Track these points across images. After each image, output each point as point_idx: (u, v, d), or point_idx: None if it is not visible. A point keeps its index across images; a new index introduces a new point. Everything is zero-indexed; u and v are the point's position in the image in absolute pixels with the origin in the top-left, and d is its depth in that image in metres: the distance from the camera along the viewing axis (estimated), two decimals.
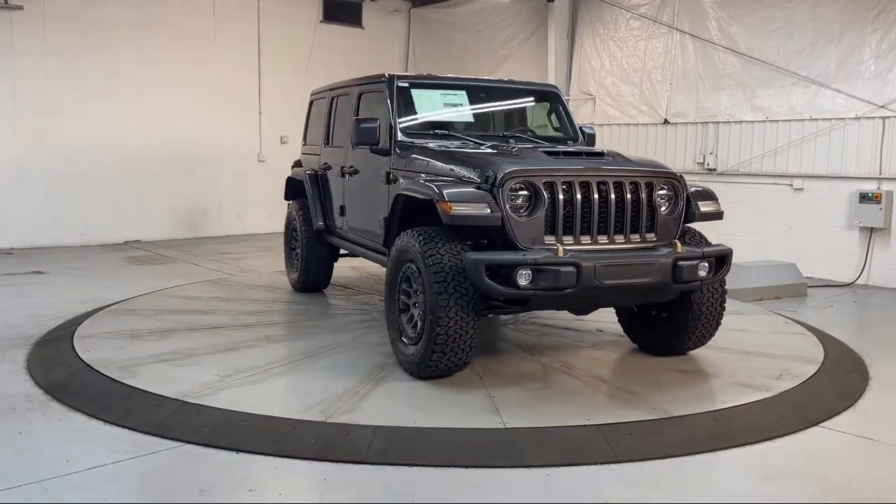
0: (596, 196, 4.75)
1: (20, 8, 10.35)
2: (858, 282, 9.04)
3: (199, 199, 12.34)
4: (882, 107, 8.79)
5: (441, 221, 4.67)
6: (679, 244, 4.88)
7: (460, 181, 4.87)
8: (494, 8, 13.20)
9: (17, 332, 6.04)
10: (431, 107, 6.15)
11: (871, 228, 8.93)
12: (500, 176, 4.59)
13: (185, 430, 4.03)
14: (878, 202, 8.77)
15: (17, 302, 7.18)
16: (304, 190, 7.51)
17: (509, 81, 6.83)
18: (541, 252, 4.50)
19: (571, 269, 4.44)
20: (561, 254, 4.48)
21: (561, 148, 5.49)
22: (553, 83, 7.84)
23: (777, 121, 9.72)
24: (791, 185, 9.65)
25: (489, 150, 5.34)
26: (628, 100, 11.34)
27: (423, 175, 5.20)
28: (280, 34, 12.88)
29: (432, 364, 4.69)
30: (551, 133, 6.59)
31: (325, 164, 7.21)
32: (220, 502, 3.35)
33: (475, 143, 5.64)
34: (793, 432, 4.24)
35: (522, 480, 3.60)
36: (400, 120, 5.85)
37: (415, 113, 6.00)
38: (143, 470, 3.63)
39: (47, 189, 10.82)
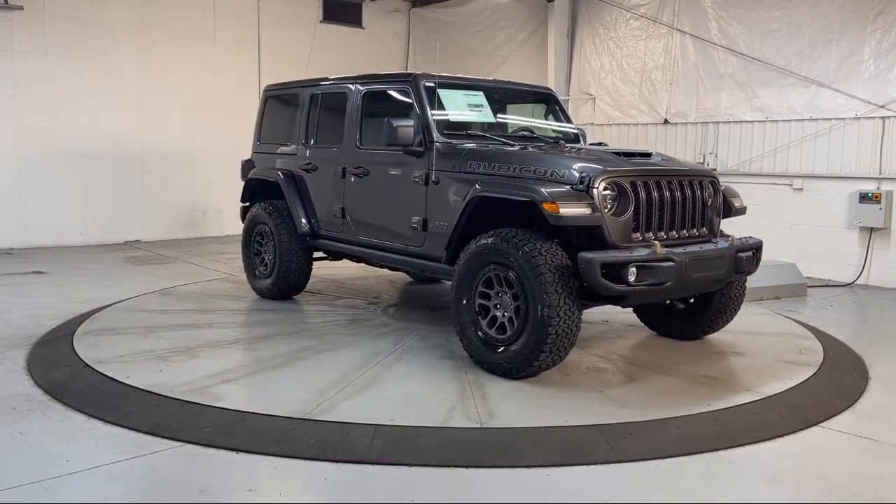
0: (667, 194, 5.01)
1: (20, 8, 10.35)
2: (858, 282, 9.04)
3: (199, 199, 12.34)
4: (882, 107, 8.80)
5: (513, 222, 4.91)
6: (734, 237, 5.36)
7: (545, 181, 4.86)
8: (494, 8, 13.20)
9: (17, 332, 6.04)
10: (457, 107, 5.98)
11: (871, 228, 8.94)
12: (594, 177, 4.71)
13: (185, 430, 4.03)
14: (878, 202, 8.77)
15: (17, 302, 7.17)
16: (270, 192, 7.22)
17: (510, 83, 6.83)
18: (643, 249, 4.74)
19: (671, 264, 4.70)
20: (659, 251, 4.72)
21: (619, 149, 5.64)
22: (548, 85, 7.82)
23: (777, 121, 9.73)
24: (791, 185, 9.65)
25: (553, 151, 5.47)
26: (628, 100, 11.34)
27: (487, 177, 5.16)
28: (280, 34, 12.88)
29: (537, 364, 4.74)
30: (551, 133, 6.61)
31: (309, 164, 6.90)
32: (220, 502, 3.35)
33: (506, 143, 5.66)
34: (793, 432, 4.24)
35: (522, 480, 3.60)
36: (435, 120, 5.71)
37: (445, 113, 5.82)
38: (143, 470, 3.63)
39: (47, 189, 10.82)
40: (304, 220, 6.92)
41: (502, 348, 4.87)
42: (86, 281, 8.32)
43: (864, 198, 8.90)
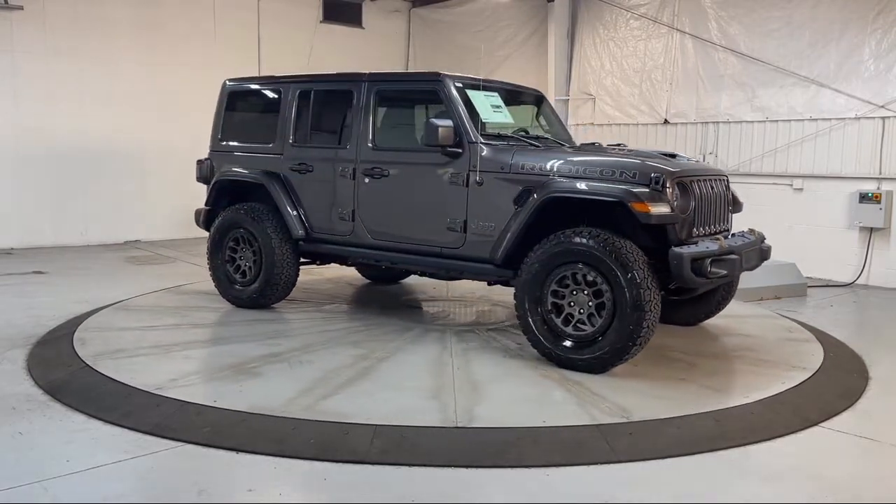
0: (710, 192, 5.38)
1: (20, 8, 10.35)
2: (858, 282, 9.04)
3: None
4: (882, 107, 8.80)
5: (562, 223, 5.09)
6: (757, 230, 5.84)
7: (615, 182, 5.00)
8: (494, 8, 13.20)
9: (17, 332, 6.03)
10: (482, 107, 5.80)
11: (871, 228, 8.94)
12: (664, 177, 4.91)
13: (185, 430, 4.03)
14: (878, 202, 8.77)
15: (17, 302, 7.17)
16: (241, 194, 6.96)
17: (502, 83, 6.75)
18: (711, 244, 5.05)
19: (736, 257, 5.07)
20: (724, 245, 5.10)
21: (655, 150, 5.86)
22: (538, 88, 7.77)
23: (777, 121, 9.73)
24: (791, 185, 9.66)
25: (603, 152, 5.69)
26: (628, 100, 11.34)
27: (546, 177, 5.22)
28: (280, 34, 12.87)
29: (626, 357, 4.92)
30: (544, 134, 6.59)
31: (303, 164, 6.55)
32: (220, 502, 3.35)
33: (532, 143, 5.77)
34: (793, 432, 4.25)
35: (522, 480, 3.60)
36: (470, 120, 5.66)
37: (475, 113, 5.69)
38: (143, 470, 3.63)
39: (47, 189, 10.81)
40: (298, 224, 6.58)
41: (599, 338, 4.92)
42: (86, 281, 8.32)
43: (864, 198, 8.90)
